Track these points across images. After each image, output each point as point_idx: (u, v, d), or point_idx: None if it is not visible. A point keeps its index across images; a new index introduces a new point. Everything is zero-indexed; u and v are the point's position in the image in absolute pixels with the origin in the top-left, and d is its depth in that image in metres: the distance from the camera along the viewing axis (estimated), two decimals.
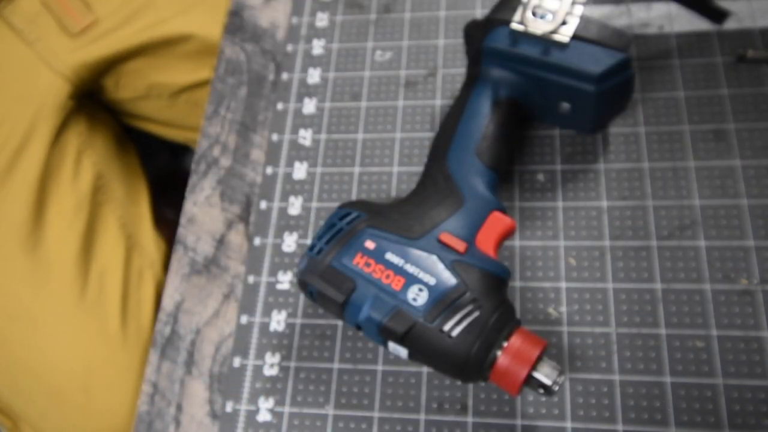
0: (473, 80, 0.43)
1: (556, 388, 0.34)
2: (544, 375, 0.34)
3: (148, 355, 0.49)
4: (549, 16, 0.40)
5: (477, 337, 0.35)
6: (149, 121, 0.80)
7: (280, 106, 0.54)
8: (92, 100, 0.76)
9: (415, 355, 0.37)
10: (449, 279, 0.36)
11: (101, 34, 0.70)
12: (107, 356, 0.62)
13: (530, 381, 0.35)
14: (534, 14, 0.40)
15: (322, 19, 0.57)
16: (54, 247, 0.63)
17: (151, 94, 0.75)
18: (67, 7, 0.68)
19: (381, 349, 0.44)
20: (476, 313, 0.35)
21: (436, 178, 0.40)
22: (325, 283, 0.37)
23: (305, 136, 0.52)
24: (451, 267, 0.36)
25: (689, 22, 0.50)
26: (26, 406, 0.63)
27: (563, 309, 0.43)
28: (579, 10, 0.40)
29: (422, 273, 0.36)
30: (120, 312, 0.64)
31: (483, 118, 0.42)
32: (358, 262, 0.37)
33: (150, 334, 0.48)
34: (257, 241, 0.49)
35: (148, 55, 0.72)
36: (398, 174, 0.49)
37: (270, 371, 0.44)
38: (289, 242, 0.48)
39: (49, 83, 0.68)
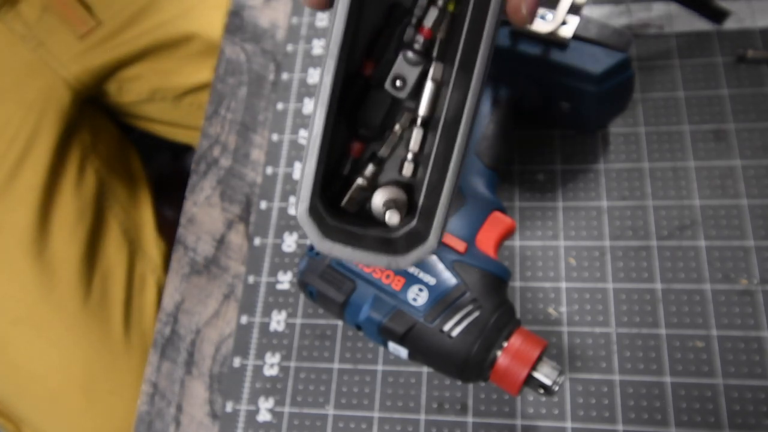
0: None
1: (556, 388, 0.34)
2: (544, 375, 0.34)
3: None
4: (549, 16, 0.40)
5: (477, 337, 0.35)
6: (152, 122, 0.80)
7: (280, 106, 0.54)
8: (95, 106, 0.76)
9: (415, 355, 0.37)
10: (449, 279, 0.36)
11: (104, 39, 0.70)
12: (110, 361, 0.62)
13: (530, 381, 0.35)
14: None
15: (322, 19, 0.57)
16: (58, 252, 0.63)
17: (154, 98, 0.75)
18: (69, 12, 0.68)
19: (381, 349, 0.44)
20: (476, 314, 0.35)
21: None
22: (325, 284, 0.37)
23: (305, 136, 0.52)
24: (451, 267, 0.36)
25: (689, 22, 0.50)
26: (28, 410, 0.63)
27: (563, 309, 0.43)
28: (579, 10, 0.40)
29: (422, 273, 0.36)
30: (123, 317, 0.64)
31: (483, 118, 0.42)
32: None
33: (152, 338, 0.48)
34: (257, 241, 0.49)
35: (151, 59, 0.72)
36: None
37: (270, 371, 0.44)
38: (289, 242, 0.48)
39: (51, 89, 0.68)
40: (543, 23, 0.40)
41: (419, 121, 0.27)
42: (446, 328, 0.35)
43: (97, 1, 0.70)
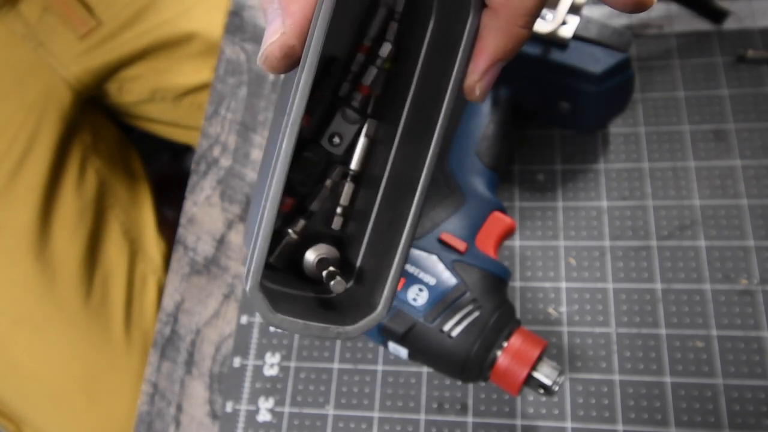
0: None
1: (556, 388, 0.34)
2: (544, 375, 0.34)
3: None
4: (549, 16, 0.40)
5: (477, 337, 0.35)
6: (153, 122, 0.80)
7: None
8: (95, 106, 0.76)
9: (415, 355, 0.37)
10: (449, 279, 0.36)
11: (104, 39, 0.70)
12: (110, 361, 0.62)
13: (530, 381, 0.35)
14: None
15: None
16: (59, 252, 0.64)
17: (155, 98, 0.75)
18: (69, 12, 0.68)
19: (381, 349, 0.44)
20: (476, 313, 0.35)
21: (437, 178, 0.40)
22: None
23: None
24: (451, 267, 0.36)
25: (689, 22, 0.50)
26: (29, 410, 0.63)
27: (563, 309, 0.43)
28: (579, 10, 0.40)
29: (422, 273, 0.36)
30: (123, 317, 0.64)
31: (483, 118, 0.42)
32: None
33: (153, 338, 0.48)
34: None
35: (151, 59, 0.72)
36: None
37: (270, 371, 0.44)
38: None
39: (52, 89, 0.68)
40: (543, 23, 0.40)
41: (350, 176, 0.27)
42: (446, 328, 0.35)
43: (97, 1, 0.70)
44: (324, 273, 0.25)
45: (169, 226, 0.73)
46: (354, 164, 0.27)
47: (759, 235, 0.43)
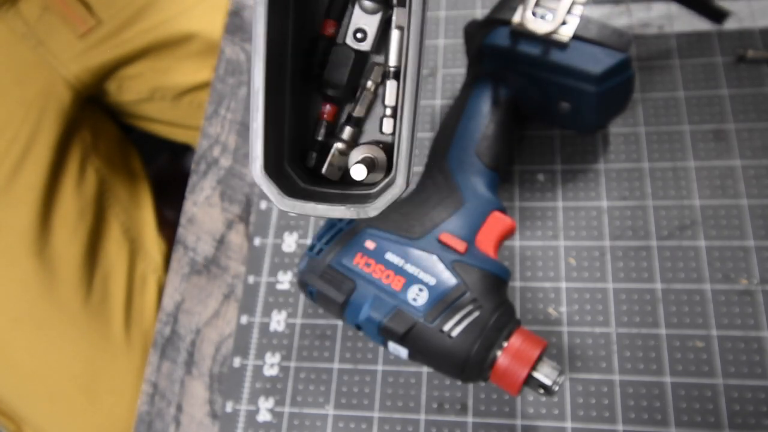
0: (473, 80, 0.43)
1: (556, 388, 0.34)
2: (544, 375, 0.34)
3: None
4: (549, 16, 0.40)
5: (477, 337, 0.35)
6: (153, 121, 0.80)
7: None
8: (95, 105, 0.76)
9: (415, 355, 0.37)
10: (449, 279, 0.36)
11: (104, 38, 0.70)
12: (110, 360, 0.62)
13: (530, 381, 0.35)
14: (534, 14, 0.40)
15: None
16: (59, 251, 0.64)
17: (154, 97, 0.75)
18: (69, 11, 0.68)
19: (381, 349, 0.44)
20: (476, 314, 0.35)
21: (437, 179, 0.40)
22: (325, 284, 0.37)
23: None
24: (451, 267, 0.36)
25: (689, 22, 0.50)
26: (29, 410, 0.63)
27: (563, 309, 0.43)
28: (579, 10, 0.40)
29: (422, 273, 0.36)
30: (123, 316, 0.64)
31: (483, 118, 0.42)
32: (358, 262, 0.37)
33: (153, 338, 0.48)
34: (257, 241, 0.49)
35: (150, 58, 0.72)
36: None
37: (270, 371, 0.44)
38: (289, 242, 0.48)
39: (52, 88, 0.68)
40: (543, 23, 0.40)
41: (391, 73, 0.26)
42: (446, 328, 0.35)
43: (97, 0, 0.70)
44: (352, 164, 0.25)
45: (169, 226, 0.73)
46: (392, 60, 0.26)
47: (759, 235, 0.43)
